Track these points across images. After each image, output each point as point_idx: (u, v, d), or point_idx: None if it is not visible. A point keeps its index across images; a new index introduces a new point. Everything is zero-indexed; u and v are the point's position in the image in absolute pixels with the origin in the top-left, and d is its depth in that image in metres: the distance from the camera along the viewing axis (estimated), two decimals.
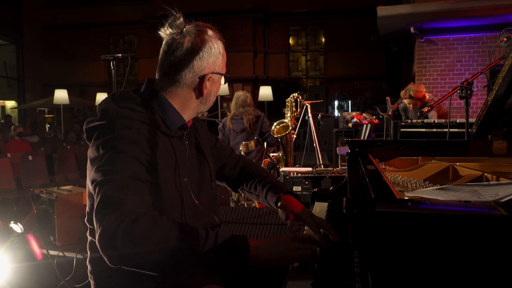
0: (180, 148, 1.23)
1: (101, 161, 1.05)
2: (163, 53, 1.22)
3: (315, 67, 17.56)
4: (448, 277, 0.68)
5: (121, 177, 1.00)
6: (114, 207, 0.95)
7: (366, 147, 1.81)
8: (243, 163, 1.55)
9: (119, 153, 1.04)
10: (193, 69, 1.19)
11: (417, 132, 3.84)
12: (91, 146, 1.12)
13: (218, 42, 1.23)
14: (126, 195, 0.97)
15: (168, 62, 1.20)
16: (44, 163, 5.56)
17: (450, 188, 1.05)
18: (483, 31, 6.92)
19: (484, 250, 0.68)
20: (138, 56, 17.74)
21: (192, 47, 1.18)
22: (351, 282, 0.96)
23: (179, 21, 1.19)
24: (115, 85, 3.15)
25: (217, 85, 1.28)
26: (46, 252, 2.42)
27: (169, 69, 1.20)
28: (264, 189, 1.44)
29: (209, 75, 1.22)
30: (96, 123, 1.15)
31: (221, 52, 1.24)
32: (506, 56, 1.97)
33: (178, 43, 1.18)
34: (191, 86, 1.21)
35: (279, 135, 4.00)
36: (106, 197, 0.97)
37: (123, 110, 1.13)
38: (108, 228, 0.92)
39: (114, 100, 1.17)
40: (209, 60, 1.21)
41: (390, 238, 0.73)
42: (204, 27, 1.22)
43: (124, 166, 1.02)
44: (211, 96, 1.27)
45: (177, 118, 1.21)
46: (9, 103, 17.46)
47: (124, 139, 1.07)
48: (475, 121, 2.00)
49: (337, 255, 1.16)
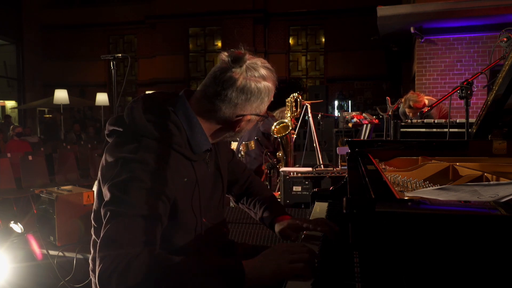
0: (202, 170, 1.21)
1: (116, 180, 1.03)
2: (213, 76, 1.15)
3: (315, 67, 17.57)
4: (448, 277, 0.68)
5: (131, 214, 0.99)
6: (115, 247, 0.95)
7: (366, 147, 1.81)
8: (250, 180, 1.54)
9: (137, 183, 1.02)
10: (236, 108, 1.15)
11: (417, 132, 3.84)
12: (110, 149, 1.10)
13: (270, 85, 1.18)
14: (127, 237, 0.97)
15: (213, 88, 1.14)
16: (44, 163, 5.56)
17: (450, 188, 1.05)
18: (483, 31, 6.92)
19: (484, 250, 0.68)
20: (138, 56, 17.75)
21: (243, 88, 1.13)
22: (351, 282, 0.95)
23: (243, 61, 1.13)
24: (115, 85, 3.14)
25: (251, 124, 1.24)
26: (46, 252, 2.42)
27: (212, 96, 1.14)
28: (261, 208, 1.44)
29: (248, 116, 1.18)
30: (120, 128, 1.13)
31: (269, 97, 1.19)
32: (506, 56, 1.97)
33: (231, 77, 1.12)
34: (227, 121, 1.17)
35: (279, 135, 4.00)
36: (111, 234, 0.97)
37: (150, 125, 1.10)
38: (105, 271, 0.93)
39: (145, 108, 1.13)
40: (254, 104, 1.16)
41: (390, 238, 0.73)
42: (262, 65, 1.16)
43: (138, 200, 1.00)
44: (242, 132, 1.24)
45: (204, 143, 1.18)
46: (9, 103, 17.46)
47: (145, 165, 1.04)
48: (475, 121, 2.00)
49: (337, 255, 1.16)
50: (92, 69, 17.68)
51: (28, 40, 16.99)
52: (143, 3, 17.20)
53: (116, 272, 0.92)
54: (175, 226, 1.12)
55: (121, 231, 0.97)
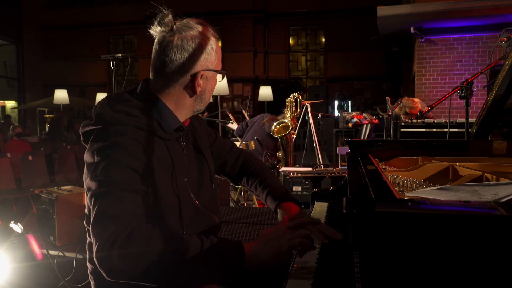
0: (177, 150, 1.22)
1: (96, 170, 1.05)
2: (154, 52, 1.19)
3: (315, 67, 17.56)
4: (448, 277, 0.68)
5: (115, 190, 1.01)
6: (108, 223, 0.95)
7: (366, 147, 1.81)
8: (244, 158, 1.54)
9: (114, 163, 1.04)
10: (184, 67, 1.17)
11: (417, 132, 3.84)
12: (87, 150, 1.12)
13: (210, 38, 1.20)
14: (120, 209, 0.98)
15: (159, 61, 1.18)
16: (44, 163, 5.56)
17: (450, 188, 1.05)
18: (483, 31, 6.92)
19: (484, 250, 0.68)
20: (138, 56, 17.74)
21: (182, 45, 1.15)
22: (351, 282, 0.96)
23: (167, 18, 1.15)
24: (115, 85, 3.15)
25: (211, 82, 1.25)
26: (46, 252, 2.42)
27: (160, 69, 1.18)
28: (264, 192, 1.44)
29: (201, 72, 1.19)
30: (91, 127, 1.15)
31: (214, 48, 1.21)
32: (506, 56, 1.97)
33: (168, 41, 1.16)
34: (184, 84, 1.19)
35: (279, 135, 4.00)
36: (101, 212, 0.98)
37: (117, 114, 1.12)
38: (104, 246, 0.93)
39: (109, 104, 1.16)
40: (200, 57, 1.18)
41: (390, 238, 0.73)
42: (196, 23, 1.19)
43: (118, 178, 1.02)
44: (206, 93, 1.25)
45: (172, 121, 1.20)
46: (9, 103, 17.46)
47: (118, 147, 1.06)
48: (475, 121, 2.00)
49: (337, 255, 1.16)
50: (92, 69, 17.67)
51: (28, 40, 16.99)
52: (143, 3, 17.20)
53: (117, 244, 0.92)
54: (157, 205, 1.12)
55: (113, 207, 0.98)
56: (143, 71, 17.72)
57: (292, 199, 1.41)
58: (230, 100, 16.29)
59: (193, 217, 1.23)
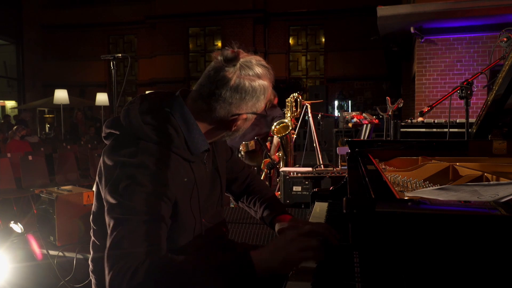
0: (200, 170, 1.21)
1: (117, 185, 1.03)
2: (207, 75, 1.14)
3: (315, 67, 17.56)
4: (448, 277, 0.68)
5: (136, 220, 0.99)
6: (122, 254, 0.96)
7: (366, 147, 1.81)
8: (250, 179, 1.53)
9: (138, 187, 1.02)
10: (230, 107, 1.13)
11: (417, 132, 3.84)
12: (109, 151, 1.10)
13: (266, 83, 1.16)
14: (136, 240, 0.98)
15: (208, 88, 1.13)
16: (44, 163, 5.56)
17: (450, 188, 1.05)
18: (483, 31, 6.92)
19: (484, 250, 0.68)
20: (138, 56, 17.74)
21: (237, 87, 1.11)
22: (351, 282, 0.96)
23: (236, 60, 1.11)
24: (115, 85, 3.15)
25: (248, 123, 1.22)
26: (46, 252, 2.42)
27: (207, 96, 1.13)
28: (261, 206, 1.44)
29: (244, 115, 1.17)
30: (118, 131, 1.13)
31: (265, 95, 1.17)
32: (506, 56, 1.97)
33: (225, 76, 1.11)
34: (223, 119, 1.16)
35: (279, 135, 4.00)
36: (117, 242, 0.98)
37: (148, 128, 1.09)
38: (115, 279, 0.94)
39: (142, 112, 1.13)
40: (249, 103, 1.15)
41: (390, 238, 0.73)
42: (258, 65, 1.14)
43: (141, 205, 1.01)
44: (240, 131, 1.23)
45: (201, 144, 1.17)
46: (9, 103, 17.46)
47: (145, 169, 1.04)
48: (475, 121, 2.00)
49: (337, 255, 1.16)
50: (92, 69, 17.66)
51: (28, 40, 16.98)
52: (143, 3, 17.19)
53: (125, 279, 0.93)
54: (176, 228, 1.12)
55: (127, 238, 0.98)
56: (143, 71, 17.72)
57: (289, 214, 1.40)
58: None
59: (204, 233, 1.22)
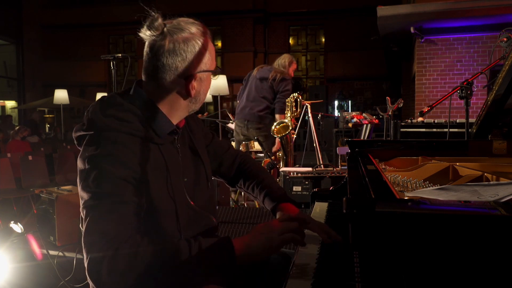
0: (171, 152, 1.21)
1: (87, 180, 1.04)
2: (146, 56, 1.16)
3: (315, 67, 17.56)
4: (448, 277, 0.68)
5: (105, 203, 1.00)
6: (97, 238, 0.96)
7: (366, 147, 1.81)
8: (240, 160, 1.52)
9: (105, 174, 1.03)
10: (177, 71, 1.14)
11: (417, 132, 3.84)
12: (80, 156, 1.11)
13: (202, 38, 1.17)
14: (108, 224, 0.98)
15: (151, 65, 1.15)
16: (44, 163, 5.56)
17: (450, 188, 1.05)
18: (483, 31, 6.93)
19: (484, 250, 0.68)
20: (138, 56, 17.70)
21: (174, 49, 1.13)
22: (351, 282, 0.96)
23: (157, 22, 1.12)
24: (115, 85, 3.15)
25: (206, 83, 1.23)
26: (46, 252, 2.42)
27: (153, 73, 1.15)
28: (261, 193, 1.43)
29: (195, 75, 1.17)
30: (82, 132, 1.14)
31: (206, 48, 1.18)
32: (506, 56, 1.97)
33: (159, 45, 1.13)
34: (177, 87, 1.17)
35: (279, 135, 4.00)
36: (90, 227, 0.98)
37: (109, 120, 1.11)
38: (93, 261, 0.94)
39: (101, 108, 1.14)
40: (193, 60, 1.15)
41: (390, 238, 0.73)
42: (187, 24, 1.16)
43: (109, 190, 1.02)
44: (201, 94, 1.23)
45: (166, 124, 1.18)
46: (9, 103, 17.46)
47: (110, 156, 1.05)
48: (475, 121, 2.00)
49: (337, 255, 1.16)
50: (92, 69, 17.66)
51: (28, 40, 16.98)
52: (143, 3, 17.19)
53: (105, 260, 0.93)
54: (153, 210, 1.12)
55: (102, 221, 0.98)
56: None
57: (290, 200, 1.40)
58: (230, 100, 16.29)
59: (190, 219, 1.22)
